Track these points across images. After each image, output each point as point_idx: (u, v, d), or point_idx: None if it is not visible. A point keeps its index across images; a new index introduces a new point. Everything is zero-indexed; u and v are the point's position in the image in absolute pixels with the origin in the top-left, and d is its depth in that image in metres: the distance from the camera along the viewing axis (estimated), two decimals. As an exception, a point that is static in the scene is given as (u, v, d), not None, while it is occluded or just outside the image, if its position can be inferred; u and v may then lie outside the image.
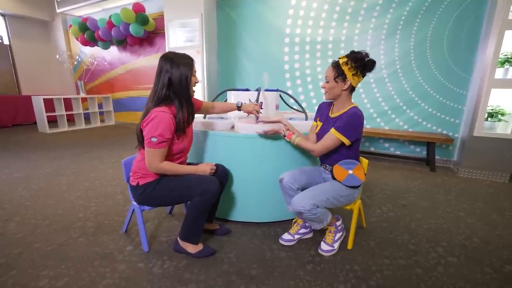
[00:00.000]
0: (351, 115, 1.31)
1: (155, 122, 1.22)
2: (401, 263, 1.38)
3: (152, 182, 1.34)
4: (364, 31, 3.31)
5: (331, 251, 1.44)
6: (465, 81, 2.93)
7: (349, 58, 1.27)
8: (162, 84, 1.27)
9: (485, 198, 2.26)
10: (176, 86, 1.28)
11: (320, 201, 1.30)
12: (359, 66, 1.26)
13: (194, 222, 1.36)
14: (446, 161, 3.19)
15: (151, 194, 1.34)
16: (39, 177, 2.58)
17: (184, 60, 1.30)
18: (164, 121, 1.23)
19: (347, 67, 1.27)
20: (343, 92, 1.36)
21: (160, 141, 1.23)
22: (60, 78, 6.93)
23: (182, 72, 1.27)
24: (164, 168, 1.29)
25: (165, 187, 1.33)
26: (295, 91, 3.90)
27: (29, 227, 1.69)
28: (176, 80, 1.27)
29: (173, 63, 1.26)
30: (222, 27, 4.21)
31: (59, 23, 6.42)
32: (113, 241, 1.53)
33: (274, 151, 1.63)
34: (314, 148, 1.38)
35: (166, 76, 1.26)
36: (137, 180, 1.35)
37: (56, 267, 1.31)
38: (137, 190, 1.35)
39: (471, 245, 1.56)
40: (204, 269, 1.31)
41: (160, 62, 1.29)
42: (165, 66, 1.27)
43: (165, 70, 1.26)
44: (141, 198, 1.37)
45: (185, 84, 1.30)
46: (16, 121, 5.84)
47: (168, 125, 1.24)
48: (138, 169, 1.35)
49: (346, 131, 1.31)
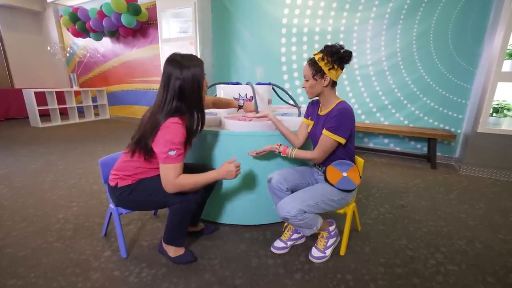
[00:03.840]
0: (340, 112, 1.22)
1: (172, 135, 1.08)
2: (397, 272, 1.28)
3: (130, 186, 1.23)
4: (365, 21, 3.14)
5: (323, 258, 1.34)
6: (470, 74, 2.79)
7: (324, 53, 1.20)
8: (172, 92, 1.12)
9: (488, 198, 2.15)
10: (187, 93, 1.13)
11: (308, 206, 1.19)
12: (336, 60, 1.19)
13: (176, 227, 1.27)
14: (448, 158, 3.07)
15: (128, 198, 1.24)
16: (24, 174, 2.49)
17: (193, 62, 1.14)
18: (180, 133, 1.10)
19: (323, 62, 1.19)
20: (324, 89, 1.27)
21: (178, 154, 1.10)
22: (53, 70, 6.77)
23: (193, 76, 1.12)
24: (183, 182, 1.12)
25: (142, 192, 1.22)
26: (293, 84, 3.76)
27: (4, 229, 1.59)
28: (187, 87, 1.12)
29: (182, 68, 1.11)
30: (217, 17, 4.04)
31: (50, 13, 6.23)
32: (91, 246, 1.44)
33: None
34: (313, 156, 1.29)
35: (177, 83, 1.11)
36: (116, 181, 1.24)
37: (25, 275, 1.22)
38: (115, 192, 1.25)
39: (473, 251, 1.46)
40: (184, 279, 1.21)
41: (166, 67, 1.13)
42: (174, 72, 1.10)
43: (175, 77, 1.10)
44: (119, 201, 1.27)
45: (197, 90, 1.16)
46: (8, 115, 5.73)
47: (183, 136, 1.11)
48: (120, 170, 1.24)
49: (338, 130, 1.22)
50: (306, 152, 1.32)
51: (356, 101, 3.40)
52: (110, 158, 1.41)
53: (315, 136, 1.34)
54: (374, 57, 3.18)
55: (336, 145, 1.26)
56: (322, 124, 1.29)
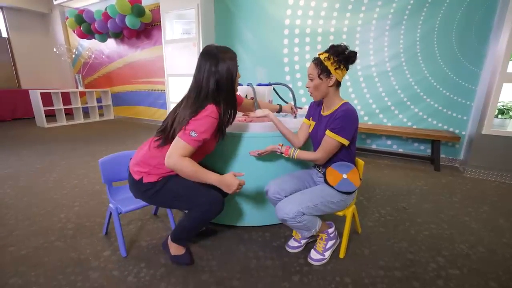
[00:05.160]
0: (344, 113, 1.21)
1: (203, 121, 1.11)
2: (397, 275, 1.27)
3: (156, 183, 1.18)
4: (368, 21, 3.12)
5: (321, 260, 1.33)
6: (474, 75, 2.75)
7: (330, 53, 1.19)
8: (208, 83, 1.14)
9: (493, 201, 2.12)
10: (222, 86, 1.15)
11: (306, 208, 1.19)
12: (342, 60, 1.19)
13: (188, 231, 1.27)
14: (452, 160, 3.03)
15: (153, 197, 1.21)
16: (28, 174, 2.52)
17: (228, 54, 1.17)
18: (211, 122, 1.12)
19: (329, 62, 1.19)
20: (329, 89, 1.26)
21: (196, 139, 1.10)
22: (59, 71, 6.87)
23: (228, 69, 1.15)
24: (183, 164, 1.08)
25: (168, 194, 1.19)
26: (295, 85, 3.75)
27: (8, 228, 1.62)
28: (223, 78, 1.15)
29: (218, 60, 1.13)
30: (220, 18, 4.05)
31: (57, 15, 6.32)
32: (91, 245, 1.45)
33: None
34: (317, 157, 1.27)
35: (213, 76, 1.13)
36: (141, 175, 1.18)
37: (26, 274, 1.23)
38: (139, 187, 1.19)
39: (475, 255, 1.43)
40: (182, 279, 1.22)
41: (202, 60, 1.15)
42: (210, 63, 1.13)
43: (211, 68, 1.13)
44: (144, 197, 1.24)
45: (231, 83, 1.18)
46: (15, 115, 5.82)
47: (212, 126, 1.13)
48: (145, 162, 1.19)
49: (342, 132, 1.21)
50: (309, 153, 1.31)
51: (358, 102, 3.37)
52: (110, 158, 1.43)
53: (317, 136, 1.33)
54: (377, 58, 3.15)
55: (339, 146, 1.25)
56: (325, 125, 1.27)
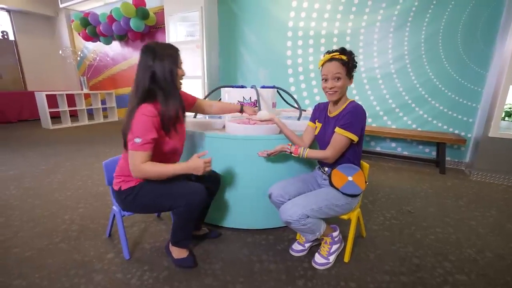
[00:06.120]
0: (353, 109, 1.22)
1: (139, 122, 1.11)
2: (402, 280, 1.25)
3: (134, 187, 1.22)
4: (372, 23, 3.11)
5: (326, 264, 1.32)
6: (480, 77, 2.72)
7: (348, 56, 1.21)
8: (144, 78, 1.15)
9: (500, 204, 2.08)
10: (160, 80, 1.16)
11: (311, 211, 1.18)
12: (355, 65, 1.24)
13: (180, 230, 1.28)
14: (458, 162, 3.00)
15: (134, 202, 1.23)
16: (33, 175, 2.54)
17: (168, 51, 1.17)
18: (148, 120, 1.11)
19: (351, 64, 1.22)
20: (346, 90, 1.29)
21: (144, 142, 1.11)
22: (64, 73, 6.95)
23: (166, 64, 1.16)
24: (146, 169, 1.13)
25: (148, 195, 1.22)
26: (298, 88, 3.74)
27: (12, 229, 1.63)
28: (160, 74, 1.15)
29: (156, 55, 1.14)
30: (223, 20, 4.07)
31: (63, 18, 6.41)
32: (95, 247, 1.45)
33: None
34: (326, 155, 1.26)
35: (149, 69, 1.15)
36: (119, 185, 1.24)
37: (30, 275, 1.24)
38: (120, 196, 1.25)
39: (483, 260, 1.41)
40: (185, 282, 1.21)
41: (141, 54, 1.17)
42: (147, 59, 1.15)
43: (148, 63, 1.15)
44: (125, 205, 1.27)
45: (170, 78, 1.18)
46: (21, 117, 5.89)
47: (152, 124, 1.12)
48: (121, 172, 1.25)
49: (351, 127, 1.20)
50: (318, 151, 1.30)
51: (362, 104, 3.27)
52: (114, 160, 1.43)
53: (325, 138, 1.32)
54: (381, 59, 3.14)
55: (349, 143, 1.24)
56: (334, 125, 1.27)
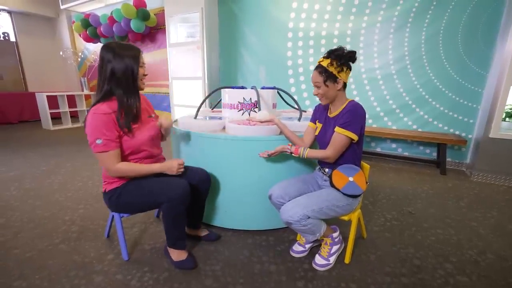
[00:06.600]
0: (352, 108, 1.23)
1: (94, 123, 1.10)
2: (403, 282, 1.24)
3: (117, 188, 1.23)
4: (372, 24, 3.11)
5: (326, 265, 1.32)
6: (481, 78, 2.71)
7: (332, 58, 1.20)
8: (104, 77, 1.16)
9: (501, 206, 2.08)
10: (120, 79, 1.16)
11: (312, 212, 1.17)
12: (344, 62, 1.20)
13: (171, 228, 1.27)
14: (458, 163, 2.99)
15: (118, 202, 1.25)
16: (34, 176, 2.55)
17: (128, 51, 1.17)
18: (103, 120, 1.11)
19: (333, 67, 1.20)
20: (338, 92, 1.27)
21: (106, 142, 1.11)
22: (65, 74, 6.95)
23: (127, 63, 1.16)
24: (121, 169, 1.16)
25: (130, 193, 1.23)
26: (299, 88, 3.74)
27: (13, 230, 1.63)
28: (119, 73, 1.15)
29: (115, 54, 1.15)
30: (224, 21, 4.07)
31: (63, 19, 6.41)
32: (94, 248, 1.45)
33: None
34: (327, 154, 1.26)
35: (108, 68, 1.15)
36: (105, 187, 1.26)
37: (31, 276, 1.23)
38: (106, 197, 1.27)
39: (484, 262, 1.40)
40: (185, 284, 1.21)
41: (101, 53, 1.17)
42: (106, 57, 1.15)
43: (107, 62, 1.15)
44: (111, 206, 1.28)
45: (131, 77, 1.18)
46: (22, 117, 5.90)
47: (108, 122, 1.12)
48: (104, 175, 1.26)
49: (350, 126, 1.21)
50: (319, 151, 1.30)
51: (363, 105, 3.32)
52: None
53: (325, 138, 1.32)
54: (381, 60, 3.14)
55: (349, 142, 1.24)
56: (334, 125, 1.27)
